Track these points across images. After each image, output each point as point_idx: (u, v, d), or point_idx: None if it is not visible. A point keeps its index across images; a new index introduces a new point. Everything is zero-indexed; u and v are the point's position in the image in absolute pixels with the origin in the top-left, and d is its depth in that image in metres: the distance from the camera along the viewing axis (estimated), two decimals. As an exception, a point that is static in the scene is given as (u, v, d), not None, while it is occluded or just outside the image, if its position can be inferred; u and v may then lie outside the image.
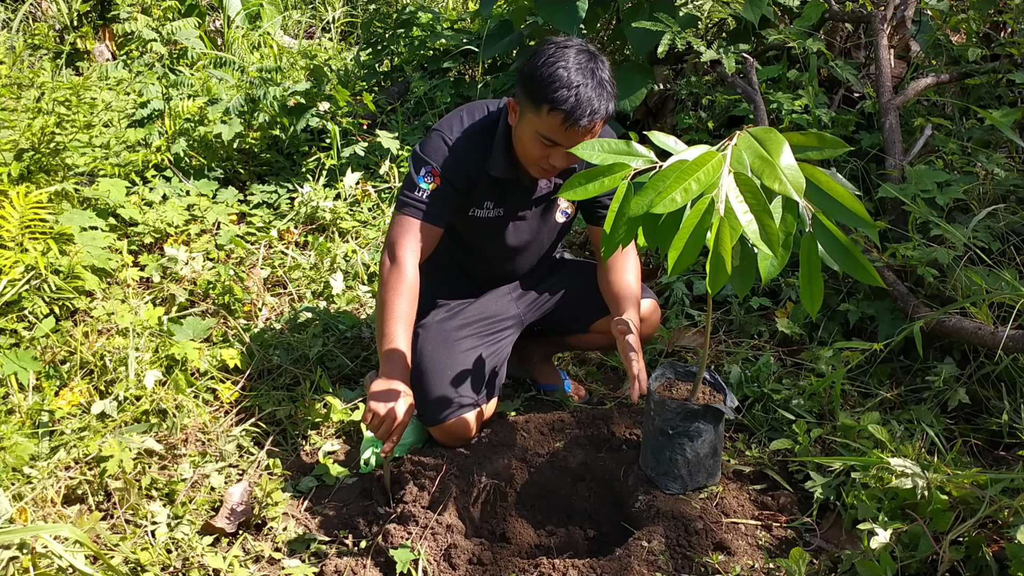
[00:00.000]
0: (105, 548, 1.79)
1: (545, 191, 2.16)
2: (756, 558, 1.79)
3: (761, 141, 1.38)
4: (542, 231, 2.25)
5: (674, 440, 1.93)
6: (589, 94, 1.84)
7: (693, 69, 3.50)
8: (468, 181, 2.07)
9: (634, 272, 2.15)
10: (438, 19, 4.60)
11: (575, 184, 1.53)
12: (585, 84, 1.84)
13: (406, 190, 2.06)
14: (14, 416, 2.13)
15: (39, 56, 4.85)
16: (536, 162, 1.97)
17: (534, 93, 1.88)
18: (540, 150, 1.93)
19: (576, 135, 1.87)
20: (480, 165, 2.06)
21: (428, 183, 2.04)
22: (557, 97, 1.83)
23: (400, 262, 2.00)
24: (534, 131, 1.91)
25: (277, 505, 1.93)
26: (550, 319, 2.38)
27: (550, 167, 1.97)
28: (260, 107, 3.60)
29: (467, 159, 2.05)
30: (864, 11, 3.27)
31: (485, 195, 2.12)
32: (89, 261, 2.64)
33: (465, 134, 2.06)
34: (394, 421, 1.85)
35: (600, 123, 1.91)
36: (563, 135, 1.88)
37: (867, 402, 2.29)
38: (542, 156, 1.94)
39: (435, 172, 2.04)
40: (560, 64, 1.85)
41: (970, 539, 1.68)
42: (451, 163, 2.04)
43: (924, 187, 2.54)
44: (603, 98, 1.87)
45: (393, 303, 1.97)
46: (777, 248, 1.32)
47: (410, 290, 1.99)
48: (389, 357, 1.93)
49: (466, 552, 1.78)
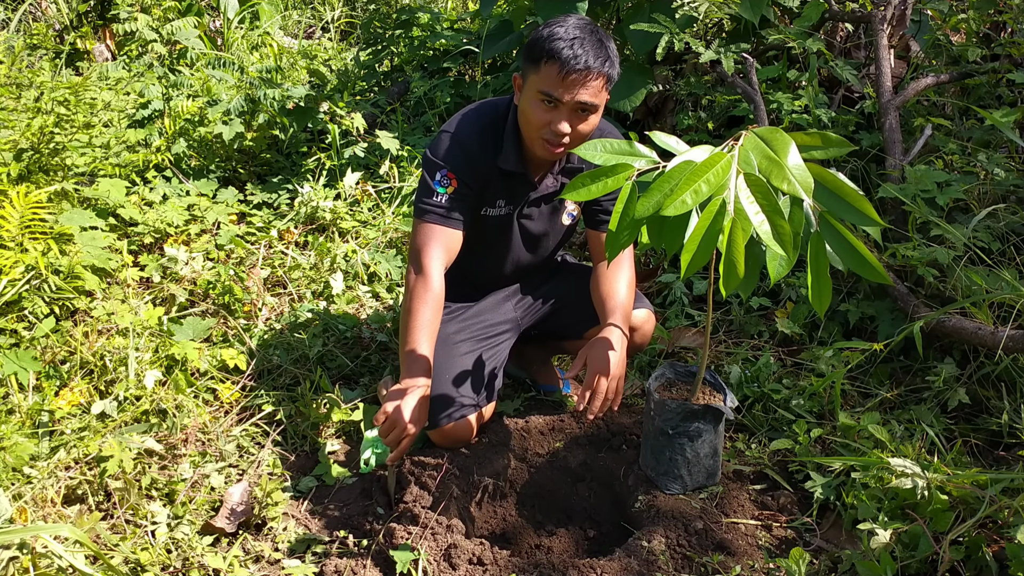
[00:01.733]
0: (105, 548, 1.79)
1: (552, 189, 2.15)
2: (756, 558, 1.79)
3: (767, 141, 1.38)
4: (549, 232, 2.25)
5: (674, 440, 1.93)
6: (586, 47, 1.84)
7: (693, 69, 3.50)
8: (482, 179, 2.06)
9: (627, 282, 2.13)
10: (438, 19, 4.60)
11: (579, 184, 1.53)
12: (582, 39, 1.85)
13: (424, 196, 2.04)
14: (14, 416, 2.13)
15: (38, 56, 4.85)
16: (540, 131, 1.93)
17: (533, 52, 1.88)
18: (543, 113, 1.91)
19: (575, 85, 1.85)
20: (491, 161, 2.05)
21: (445, 187, 2.02)
22: (553, 47, 1.84)
23: (427, 272, 1.99)
24: (535, 91, 1.90)
25: (277, 505, 1.93)
26: (546, 325, 2.37)
27: (555, 138, 1.93)
28: (260, 108, 3.59)
29: (479, 156, 2.04)
30: (864, 11, 3.27)
31: (497, 193, 2.11)
32: (89, 261, 2.64)
33: (476, 131, 2.05)
34: (404, 430, 1.84)
35: (601, 80, 1.88)
36: (561, 86, 1.86)
37: (867, 402, 2.29)
38: (545, 122, 1.91)
39: (451, 175, 2.02)
40: (559, 24, 1.88)
41: (970, 539, 1.69)
42: (465, 163, 2.03)
43: (924, 187, 2.54)
44: (601, 54, 1.86)
45: (419, 311, 1.95)
46: (789, 248, 1.32)
47: (436, 300, 1.98)
48: (411, 365, 1.91)
49: (466, 552, 1.79)
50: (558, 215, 2.23)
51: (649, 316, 2.30)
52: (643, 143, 1.60)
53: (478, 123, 2.06)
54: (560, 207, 2.22)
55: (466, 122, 2.07)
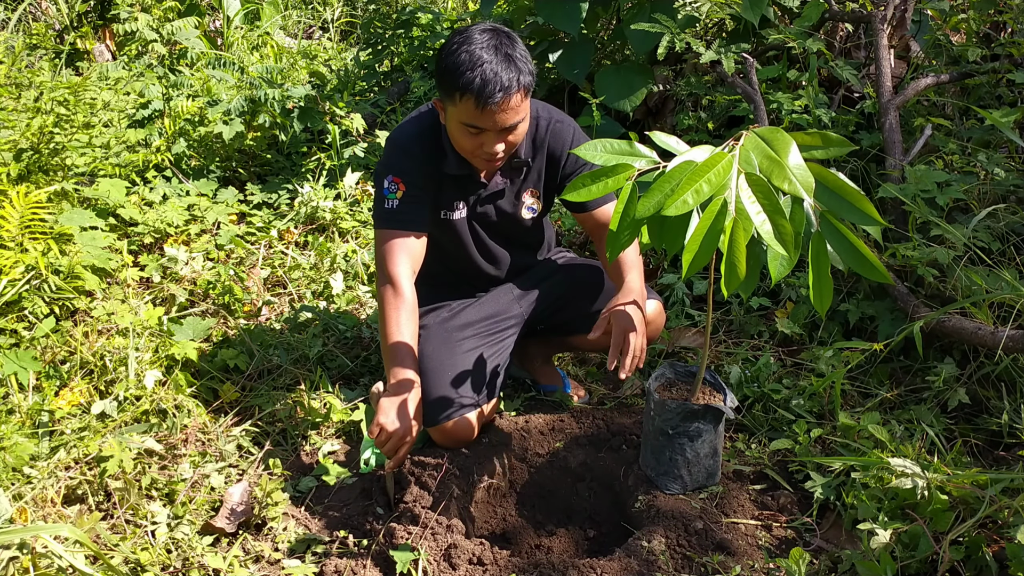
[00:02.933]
0: (105, 548, 1.79)
1: (502, 185, 2.15)
2: (756, 558, 1.79)
3: (768, 141, 1.38)
4: (512, 226, 2.24)
5: (674, 440, 1.93)
6: (495, 69, 1.81)
7: (693, 69, 3.50)
8: (432, 181, 2.07)
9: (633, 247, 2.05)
10: (438, 19, 4.60)
11: (579, 185, 1.53)
12: (489, 61, 1.82)
13: (377, 206, 2.06)
14: (14, 416, 2.13)
15: (38, 56, 4.85)
16: (473, 153, 1.95)
17: (445, 85, 1.87)
18: (471, 140, 1.91)
19: (494, 115, 1.84)
20: (437, 165, 2.06)
21: (394, 192, 2.04)
22: (464, 81, 1.81)
23: (394, 280, 1.99)
24: (458, 122, 1.89)
25: (277, 505, 1.93)
26: (553, 319, 2.37)
27: (490, 156, 1.93)
28: (261, 109, 3.59)
29: (423, 160, 2.05)
30: (864, 11, 3.27)
31: (451, 195, 2.12)
32: (89, 261, 2.64)
33: (415, 136, 2.06)
34: (400, 440, 1.85)
35: (519, 96, 1.85)
36: (482, 117, 1.84)
37: (867, 402, 2.29)
38: (476, 145, 1.92)
39: (396, 180, 2.03)
40: (463, 49, 1.84)
41: (970, 539, 1.69)
42: (409, 166, 2.04)
43: (924, 187, 2.54)
44: (511, 71, 1.83)
45: (394, 318, 1.97)
46: (791, 247, 1.32)
47: (408, 306, 1.98)
48: (397, 372, 1.92)
49: (466, 552, 1.79)
50: (517, 208, 2.21)
51: (660, 310, 2.29)
52: (643, 143, 1.60)
53: (417, 128, 2.07)
54: (518, 201, 2.20)
55: (405, 129, 2.09)
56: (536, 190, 2.21)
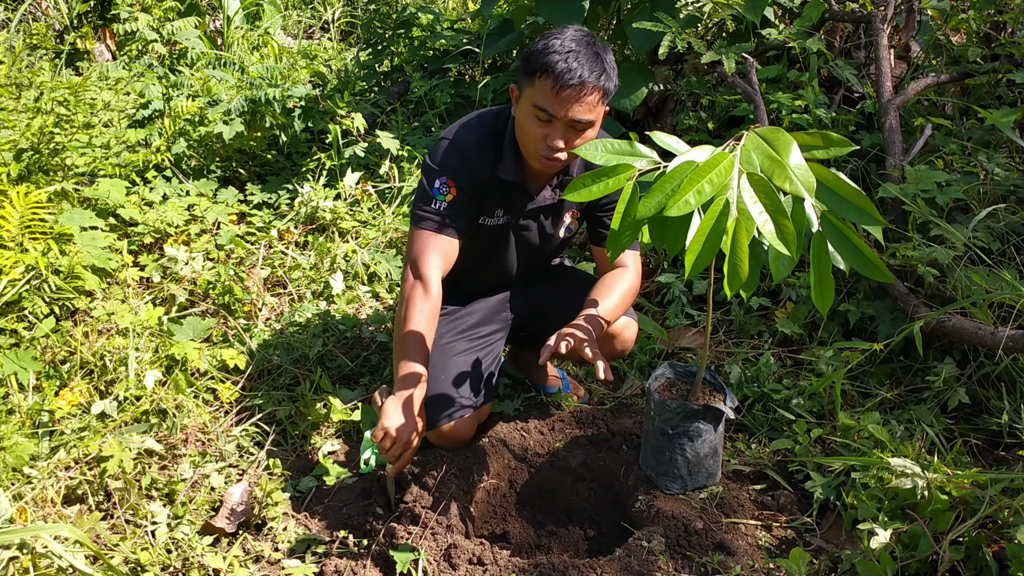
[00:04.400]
0: (105, 548, 1.79)
1: (549, 201, 2.13)
2: (756, 558, 1.79)
3: (769, 141, 1.38)
4: (545, 243, 2.23)
5: (674, 440, 1.93)
6: (581, 60, 1.82)
7: (693, 69, 3.50)
8: (481, 188, 2.04)
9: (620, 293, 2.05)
10: (438, 19, 4.60)
11: (580, 185, 1.53)
12: (577, 52, 1.83)
13: (422, 203, 2.02)
14: (14, 416, 2.13)
15: (38, 56, 4.84)
16: (536, 145, 1.92)
17: (528, 65, 1.87)
18: (537, 127, 1.89)
19: (568, 102, 1.83)
20: (491, 170, 2.03)
21: (444, 194, 2.01)
22: (547, 61, 1.82)
23: (425, 279, 1.96)
24: (530, 105, 1.88)
25: (277, 505, 1.93)
26: (539, 327, 2.36)
27: (551, 153, 1.91)
28: (261, 109, 3.59)
29: (479, 165, 2.02)
30: (864, 11, 3.28)
31: (495, 203, 2.09)
32: (89, 261, 2.64)
33: (476, 140, 2.03)
34: (405, 445, 1.84)
35: (596, 95, 1.86)
36: (556, 102, 1.84)
37: (867, 402, 2.29)
38: (540, 136, 1.90)
39: (450, 183, 2.00)
40: (555, 37, 1.86)
41: (970, 539, 1.69)
42: (464, 171, 2.01)
43: (924, 187, 2.54)
44: (596, 68, 1.84)
45: (414, 319, 1.93)
46: (793, 247, 1.32)
47: (432, 308, 1.95)
48: (407, 375, 1.89)
49: (466, 552, 1.79)
50: (556, 227, 2.21)
51: (629, 323, 2.24)
52: (643, 143, 1.60)
53: (478, 131, 2.04)
54: (559, 220, 2.19)
55: (466, 130, 2.05)
56: (577, 211, 2.20)
